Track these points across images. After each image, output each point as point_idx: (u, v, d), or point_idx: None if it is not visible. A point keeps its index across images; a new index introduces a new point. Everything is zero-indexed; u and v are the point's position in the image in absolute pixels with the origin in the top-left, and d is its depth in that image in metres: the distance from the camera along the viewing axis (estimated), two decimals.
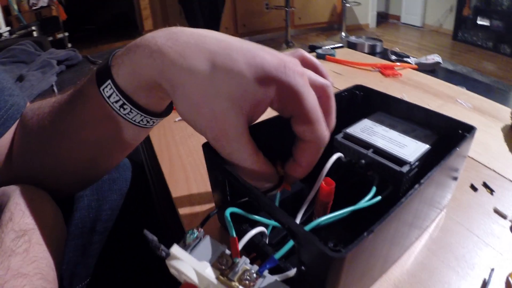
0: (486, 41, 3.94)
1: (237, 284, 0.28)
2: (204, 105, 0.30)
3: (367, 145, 0.42)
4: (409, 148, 0.41)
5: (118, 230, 0.56)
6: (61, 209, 0.52)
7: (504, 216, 0.47)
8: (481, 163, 0.59)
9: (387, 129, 0.45)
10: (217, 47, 0.30)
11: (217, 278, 0.28)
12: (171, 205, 0.54)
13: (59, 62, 1.47)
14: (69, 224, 0.52)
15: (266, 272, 0.29)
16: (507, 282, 0.38)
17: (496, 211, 0.48)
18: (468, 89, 0.91)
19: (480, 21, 3.92)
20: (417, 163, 0.40)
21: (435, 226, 0.46)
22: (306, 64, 0.36)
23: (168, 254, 0.29)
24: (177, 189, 0.55)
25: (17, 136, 0.44)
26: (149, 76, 0.32)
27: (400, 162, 0.39)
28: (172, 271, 0.30)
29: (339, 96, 0.49)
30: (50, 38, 3.43)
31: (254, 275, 0.28)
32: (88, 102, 0.36)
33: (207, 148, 0.36)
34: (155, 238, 0.29)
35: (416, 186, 0.32)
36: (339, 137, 0.44)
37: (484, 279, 0.39)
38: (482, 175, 0.56)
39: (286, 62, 0.30)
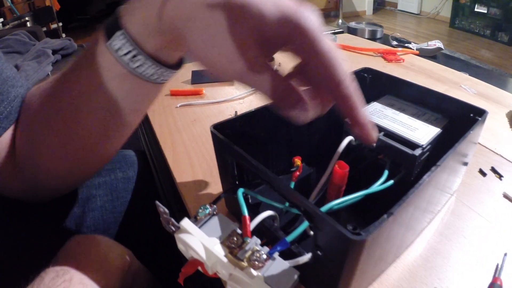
0: (483, 29, 3.92)
1: (245, 263, 0.27)
2: (222, 40, 0.29)
3: (378, 128, 0.41)
4: (421, 132, 0.40)
5: (127, 228, 0.55)
6: (71, 211, 0.51)
7: None
8: (489, 149, 0.58)
9: (397, 112, 0.44)
10: None
11: (226, 255, 0.27)
12: (176, 193, 0.53)
13: (54, 52, 1.45)
14: (81, 226, 0.51)
15: (276, 255, 0.29)
16: None
17: (506, 196, 0.48)
18: (470, 75, 0.90)
19: (478, 8, 3.89)
20: (429, 147, 0.39)
21: (446, 211, 0.46)
22: None
23: (178, 228, 0.28)
24: (182, 177, 0.54)
25: (20, 124, 0.41)
26: (164, 15, 0.30)
27: (412, 145, 0.39)
28: (180, 246, 0.30)
29: None
30: (44, 29, 3.38)
31: (264, 256, 0.28)
32: (95, 64, 0.34)
33: (216, 130, 0.35)
34: (166, 211, 0.28)
35: (433, 168, 0.31)
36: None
37: (497, 264, 0.38)
38: (490, 161, 0.55)
39: (302, 7, 0.29)
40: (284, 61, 0.52)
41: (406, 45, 1.14)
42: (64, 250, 0.39)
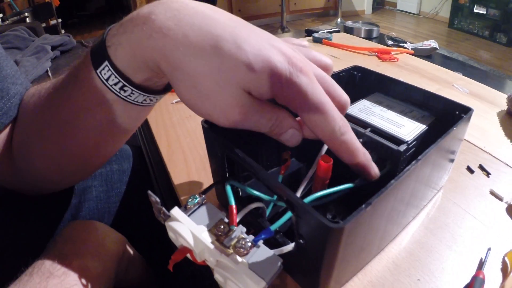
0: (482, 30, 3.93)
1: (231, 250, 0.28)
2: (213, 94, 0.28)
3: (365, 124, 0.42)
4: (407, 128, 0.41)
5: (121, 218, 0.55)
6: (67, 201, 0.51)
7: (500, 198, 0.48)
8: (478, 147, 0.59)
9: (385, 109, 0.45)
10: (223, 31, 0.27)
11: (213, 242, 0.29)
12: (170, 187, 0.54)
13: (53, 48, 1.46)
14: (77, 216, 0.51)
15: (261, 243, 0.30)
16: (503, 261, 0.39)
17: (492, 193, 0.49)
18: (464, 75, 0.91)
19: (477, 9, 3.90)
20: (414, 143, 0.40)
21: (432, 206, 0.47)
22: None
23: (168, 216, 0.29)
24: (176, 171, 0.55)
25: (16, 124, 0.42)
26: (150, 58, 0.29)
27: (398, 141, 0.40)
28: (170, 234, 0.31)
29: (337, 76, 0.49)
30: (43, 25, 3.38)
31: (249, 244, 0.29)
32: (85, 87, 0.34)
33: (207, 125, 0.36)
34: (158, 200, 0.29)
35: (414, 162, 0.32)
36: None
37: (481, 258, 0.39)
38: (479, 158, 0.56)
39: (291, 59, 0.28)
40: None
41: (402, 44, 1.16)
42: (63, 235, 0.40)
